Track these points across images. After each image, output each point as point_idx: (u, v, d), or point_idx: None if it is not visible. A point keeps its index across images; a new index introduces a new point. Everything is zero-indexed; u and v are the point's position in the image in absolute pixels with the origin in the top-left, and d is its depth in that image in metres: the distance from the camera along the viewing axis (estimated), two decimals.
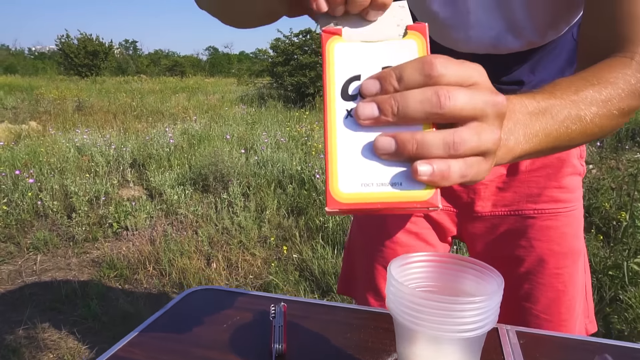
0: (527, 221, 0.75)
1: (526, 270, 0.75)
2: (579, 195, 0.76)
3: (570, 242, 0.74)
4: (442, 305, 0.39)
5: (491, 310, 0.41)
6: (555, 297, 0.74)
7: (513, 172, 0.75)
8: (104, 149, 4.73)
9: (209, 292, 0.76)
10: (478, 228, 0.79)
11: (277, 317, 0.63)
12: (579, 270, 0.76)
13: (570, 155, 0.74)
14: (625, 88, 0.45)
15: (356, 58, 0.33)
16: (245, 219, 3.12)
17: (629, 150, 4.62)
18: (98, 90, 12.14)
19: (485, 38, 0.65)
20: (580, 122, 0.42)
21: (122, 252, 2.81)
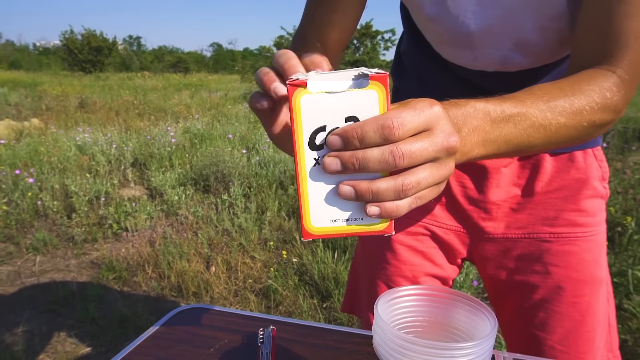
0: (543, 245, 0.70)
1: (541, 298, 0.70)
2: (600, 219, 0.71)
3: (591, 269, 0.69)
4: (432, 351, 0.37)
5: (484, 354, 0.38)
6: (573, 327, 0.69)
7: (528, 193, 0.71)
8: (105, 148, 4.72)
9: (197, 312, 0.74)
10: (489, 250, 0.74)
11: (265, 342, 0.60)
12: (599, 300, 0.70)
13: (591, 177, 0.70)
14: (599, 102, 0.47)
15: (321, 109, 0.36)
16: (245, 220, 3.10)
17: (636, 152, 4.56)
18: (101, 87, 12.15)
19: (492, 58, 0.62)
20: (545, 131, 0.45)
21: (121, 254, 2.80)
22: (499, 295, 0.77)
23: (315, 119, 0.36)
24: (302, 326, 0.69)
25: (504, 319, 0.78)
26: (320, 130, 0.36)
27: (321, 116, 0.36)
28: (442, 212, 0.75)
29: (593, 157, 0.70)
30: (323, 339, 0.65)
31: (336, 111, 0.36)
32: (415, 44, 0.72)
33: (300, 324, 0.70)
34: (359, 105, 0.36)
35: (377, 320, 0.40)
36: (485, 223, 0.73)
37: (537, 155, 0.68)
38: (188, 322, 0.71)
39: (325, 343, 0.64)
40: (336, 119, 0.36)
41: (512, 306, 0.74)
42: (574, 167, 0.69)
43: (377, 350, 0.41)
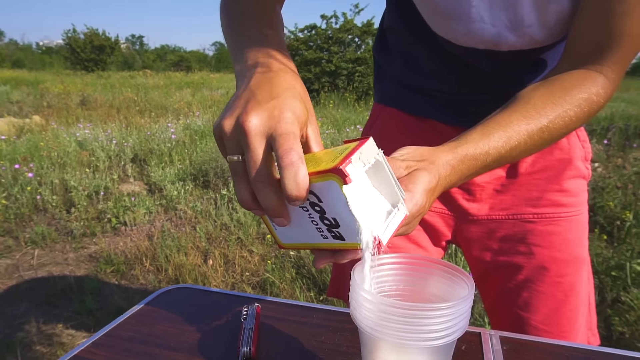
0: (526, 226, 0.71)
1: (525, 278, 0.71)
2: (583, 199, 0.72)
3: (574, 249, 0.70)
4: (407, 312, 0.36)
5: (460, 317, 0.37)
6: (556, 307, 0.70)
7: (512, 175, 0.71)
8: (105, 144, 4.72)
9: (183, 291, 0.73)
10: (474, 232, 0.75)
11: (249, 318, 0.60)
12: (582, 280, 0.71)
13: (574, 157, 0.70)
14: (586, 108, 0.52)
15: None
16: (244, 215, 3.10)
17: (637, 149, 4.54)
18: (103, 85, 12.16)
19: (486, 34, 0.61)
20: (528, 144, 0.51)
21: (119, 248, 2.80)
22: (483, 277, 0.77)
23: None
24: (288, 305, 0.69)
25: (488, 300, 0.79)
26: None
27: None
28: None
29: (576, 137, 0.71)
30: (308, 317, 0.65)
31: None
32: (402, 17, 0.71)
33: (285, 302, 0.69)
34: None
35: (353, 285, 0.40)
36: (469, 205, 0.73)
37: None
38: (174, 301, 0.70)
39: (310, 321, 0.64)
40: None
41: (497, 287, 0.75)
42: (558, 147, 0.69)
43: (353, 316, 0.40)
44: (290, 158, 0.36)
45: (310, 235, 0.42)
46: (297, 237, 0.44)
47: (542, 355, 0.57)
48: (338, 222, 0.38)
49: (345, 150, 0.38)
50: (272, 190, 0.38)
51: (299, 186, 0.36)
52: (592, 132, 5.18)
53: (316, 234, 0.41)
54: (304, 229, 0.42)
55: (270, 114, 0.39)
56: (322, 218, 0.39)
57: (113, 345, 0.58)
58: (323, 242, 0.41)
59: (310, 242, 0.43)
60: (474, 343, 0.59)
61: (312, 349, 0.57)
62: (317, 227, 0.40)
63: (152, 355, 0.56)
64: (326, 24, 9.50)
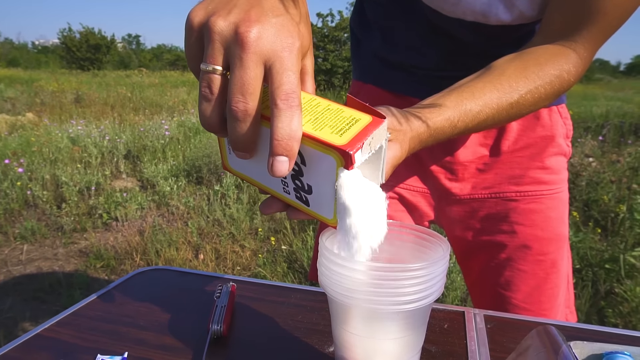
0: (509, 204, 0.70)
1: (507, 257, 0.71)
2: (564, 177, 0.72)
3: (555, 226, 0.70)
4: (378, 274, 0.34)
5: (435, 279, 0.35)
6: (537, 285, 0.70)
7: (495, 153, 0.70)
8: (98, 140, 4.68)
9: (158, 273, 0.71)
10: (456, 212, 0.74)
11: (222, 297, 0.57)
12: (563, 257, 0.72)
13: (556, 134, 0.70)
14: (557, 85, 0.52)
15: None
16: (237, 210, 3.07)
17: (632, 145, 4.54)
18: (98, 83, 12.10)
19: (476, 4, 0.59)
20: (499, 112, 0.50)
21: (110, 243, 2.76)
22: (466, 256, 0.77)
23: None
24: (266, 285, 0.66)
25: (470, 279, 0.79)
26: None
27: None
28: (409, 175, 0.74)
29: (558, 114, 0.70)
30: (286, 297, 0.62)
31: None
32: None
33: (263, 283, 0.67)
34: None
35: (322, 250, 0.37)
36: (452, 184, 0.71)
37: None
38: (148, 283, 0.68)
39: (288, 301, 0.61)
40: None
41: (479, 266, 0.75)
42: (540, 124, 0.68)
43: (321, 283, 0.38)
44: (291, 101, 0.31)
45: (268, 179, 0.38)
46: (251, 171, 0.40)
47: (526, 332, 0.55)
48: (312, 190, 0.35)
49: (353, 121, 0.34)
50: (254, 124, 0.33)
51: (291, 137, 0.31)
52: (587, 128, 5.18)
53: (277, 183, 0.38)
54: (264, 171, 0.37)
55: (278, 33, 0.32)
56: (294, 177, 0.36)
57: (79, 324, 0.55)
58: (280, 194, 0.38)
59: (264, 184, 0.39)
60: (457, 321, 0.57)
61: (287, 327, 0.55)
62: (282, 181, 0.37)
63: (119, 334, 0.53)
64: (322, 22, 9.47)
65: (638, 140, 4.83)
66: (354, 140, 0.32)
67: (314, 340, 0.52)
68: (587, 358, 0.30)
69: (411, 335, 0.37)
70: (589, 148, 4.16)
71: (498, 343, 0.52)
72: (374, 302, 0.34)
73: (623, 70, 50.39)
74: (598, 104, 7.65)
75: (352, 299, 0.35)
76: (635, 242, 2.15)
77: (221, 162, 0.42)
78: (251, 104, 0.32)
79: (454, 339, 0.53)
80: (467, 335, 0.53)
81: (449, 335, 0.54)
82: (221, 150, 0.42)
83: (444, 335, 0.53)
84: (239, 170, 0.41)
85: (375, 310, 0.35)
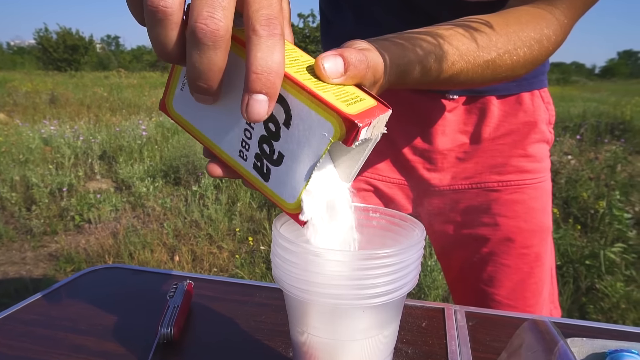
0: (491, 195, 0.66)
1: (490, 251, 0.67)
2: (546, 165, 0.69)
3: (539, 218, 0.67)
4: (341, 262, 0.29)
5: (408, 267, 0.30)
6: (521, 279, 0.67)
7: (475, 140, 0.66)
8: (72, 140, 4.54)
9: (111, 271, 0.64)
10: (436, 204, 0.70)
11: (176, 296, 0.51)
12: (547, 250, 0.69)
13: (539, 120, 0.66)
14: (536, 49, 0.48)
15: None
16: (215, 211, 2.99)
17: (608, 143, 4.61)
18: (74, 84, 11.81)
19: None
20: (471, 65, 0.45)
21: (81, 245, 2.65)
22: (446, 251, 0.74)
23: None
24: (227, 283, 0.60)
25: (451, 276, 0.76)
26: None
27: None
28: (385, 165, 0.69)
29: (540, 98, 0.66)
30: (250, 296, 0.57)
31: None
32: None
33: (225, 280, 0.61)
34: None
35: (276, 238, 0.32)
36: (430, 175, 0.67)
37: (484, 99, 0.64)
38: (98, 282, 0.61)
39: (252, 300, 0.56)
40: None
41: (460, 261, 0.71)
42: (522, 109, 0.65)
43: (275, 277, 0.32)
44: (273, 28, 0.25)
45: (221, 136, 0.31)
46: (201, 121, 0.32)
47: (511, 330, 0.50)
48: (282, 161, 0.29)
49: (357, 98, 0.28)
50: (223, 53, 0.25)
51: (272, 71, 0.24)
52: (565, 128, 5.24)
53: (234, 144, 0.31)
54: (222, 125, 0.31)
55: None
56: (265, 140, 0.29)
57: (10, 329, 0.49)
58: (233, 158, 0.31)
59: (215, 141, 0.32)
60: (436, 319, 0.52)
61: (248, 329, 0.49)
62: (243, 141, 0.30)
63: (55, 340, 0.47)
64: (303, 23, 9.42)
65: (614, 139, 4.91)
66: (363, 115, 0.26)
67: (277, 343, 0.46)
68: (588, 357, 0.25)
69: (381, 335, 0.32)
70: (568, 146, 4.20)
71: (481, 342, 0.47)
72: (335, 297, 0.29)
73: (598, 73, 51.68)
74: (575, 104, 7.78)
75: (309, 293, 0.30)
76: (615, 237, 2.15)
77: (159, 102, 0.34)
78: (224, 22, 0.24)
79: (432, 338, 0.48)
80: (447, 334, 0.48)
81: (427, 334, 0.49)
82: (168, 83, 0.33)
83: (421, 335, 0.48)
84: (184, 116, 0.33)
85: (338, 306, 0.30)
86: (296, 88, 0.26)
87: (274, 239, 0.32)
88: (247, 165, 0.31)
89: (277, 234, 0.31)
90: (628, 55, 60.43)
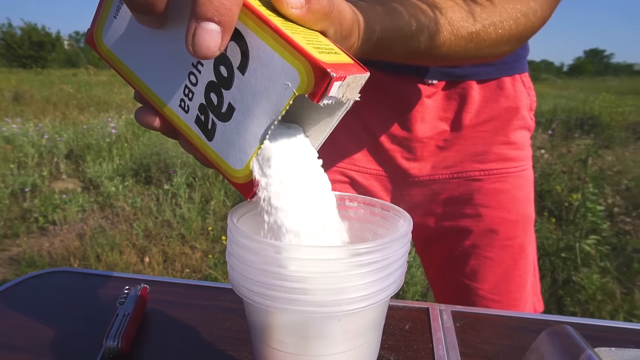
0: (473, 185, 0.64)
1: (472, 244, 0.64)
2: (529, 153, 0.67)
3: (523, 207, 0.65)
4: (308, 262, 0.23)
5: (392, 265, 0.25)
6: (505, 272, 0.65)
7: (456, 128, 0.63)
8: (36, 139, 4.34)
9: (57, 276, 0.57)
10: (415, 196, 0.66)
11: (127, 303, 0.45)
12: (530, 241, 0.67)
13: (521, 105, 0.64)
14: (522, 22, 0.45)
15: None
16: (188, 210, 2.89)
17: (579, 138, 4.71)
18: (40, 82, 11.39)
19: None
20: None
21: (45, 248, 2.52)
22: (427, 246, 0.71)
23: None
24: (190, 286, 0.54)
25: (431, 272, 0.73)
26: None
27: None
28: (361, 155, 0.65)
29: (521, 83, 0.64)
30: (215, 300, 0.51)
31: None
32: None
33: (186, 283, 0.55)
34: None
35: (232, 233, 0.26)
36: (410, 164, 0.64)
37: (464, 84, 0.61)
38: (39, 289, 0.54)
39: (217, 304, 0.50)
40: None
41: (441, 256, 0.69)
42: (503, 95, 0.62)
43: (232, 280, 0.27)
44: None
45: (159, 81, 0.25)
46: (134, 59, 0.26)
47: (503, 330, 0.46)
48: (232, 115, 0.23)
49: (332, 51, 0.23)
50: None
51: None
52: (537, 123, 5.32)
53: (174, 90, 0.25)
54: (161, 65, 0.25)
55: None
56: (213, 87, 0.23)
57: None
58: (171, 108, 0.25)
59: (150, 86, 0.26)
60: (421, 321, 0.47)
61: (211, 338, 0.43)
62: (187, 88, 0.24)
63: None
64: None
65: (584, 133, 5.03)
66: (337, 67, 0.21)
67: (243, 354, 0.41)
68: None
69: (361, 347, 0.27)
70: (540, 141, 4.27)
71: (470, 345, 0.43)
72: (305, 304, 0.24)
73: (566, 71, 53.23)
74: (546, 101, 7.93)
75: (273, 299, 0.24)
76: (589, 229, 2.17)
77: (86, 34, 0.28)
78: None
79: (417, 342, 0.43)
80: (432, 337, 0.44)
81: (411, 338, 0.44)
82: (99, 10, 0.27)
83: (405, 339, 0.43)
84: (115, 51, 0.27)
85: (309, 315, 0.24)
86: (258, 23, 0.21)
87: (229, 234, 0.26)
88: (187, 119, 0.25)
89: (233, 229, 0.25)
90: (594, 53, 62.42)
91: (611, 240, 2.17)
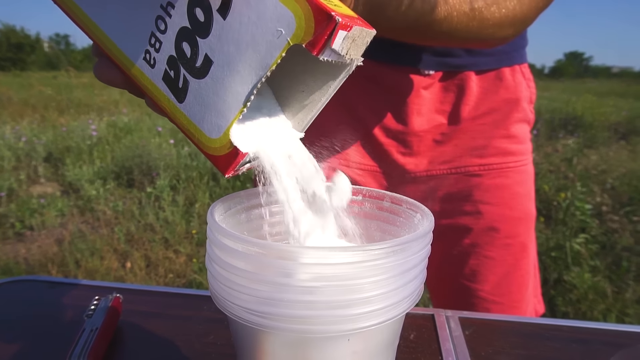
0: (472, 180, 0.62)
1: (472, 243, 0.62)
2: (529, 147, 0.65)
3: (524, 204, 0.63)
4: (309, 268, 0.18)
5: (410, 272, 0.20)
6: (506, 273, 0.63)
7: (454, 120, 0.60)
8: (13, 142, 4.21)
9: (22, 285, 0.51)
10: (411, 192, 0.62)
11: (95, 315, 0.40)
12: (532, 240, 0.65)
13: (521, 97, 0.61)
14: (511, 8, 0.42)
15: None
16: (172, 213, 2.82)
17: (563, 138, 4.76)
18: (19, 84, 11.12)
19: None
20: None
21: (21, 255, 2.43)
22: None
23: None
24: (169, 294, 0.49)
25: (429, 272, 0.66)
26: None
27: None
28: (355, 150, 0.62)
29: (521, 74, 0.62)
30: (196, 310, 0.46)
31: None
32: None
33: (164, 291, 0.50)
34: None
35: (211, 231, 0.21)
36: (405, 159, 0.61)
37: (462, 75, 0.58)
38: (1, 301, 0.48)
39: (198, 314, 0.45)
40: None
41: (439, 256, 0.65)
42: (503, 86, 0.60)
43: (214, 295, 0.22)
44: None
45: (119, 29, 0.21)
46: (91, 3, 0.22)
47: (516, 338, 0.42)
48: (208, 71, 0.19)
49: (331, 1, 0.19)
50: None
51: None
52: None
53: (137, 40, 0.20)
54: (122, 9, 0.21)
55: None
56: (186, 35, 0.19)
57: None
58: (134, 63, 0.21)
59: (110, 35, 0.21)
60: (426, 329, 0.43)
61: (192, 354, 0.38)
62: (153, 37, 0.20)
63: None
64: None
65: (568, 133, 5.09)
66: (342, 15, 0.17)
67: None
68: None
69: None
70: None
71: (482, 356, 0.39)
72: (306, 321, 0.19)
73: (547, 73, 54.19)
74: None
75: (267, 317, 0.19)
76: (578, 228, 2.16)
77: None
78: None
79: (425, 354, 0.39)
80: (441, 348, 0.39)
81: (417, 349, 0.39)
82: None
83: (410, 351, 0.39)
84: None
85: (312, 334, 0.19)
86: None
87: (209, 234, 0.21)
88: (153, 75, 0.20)
89: (215, 227, 0.21)
90: (574, 56, 63.64)
91: (600, 239, 2.17)
